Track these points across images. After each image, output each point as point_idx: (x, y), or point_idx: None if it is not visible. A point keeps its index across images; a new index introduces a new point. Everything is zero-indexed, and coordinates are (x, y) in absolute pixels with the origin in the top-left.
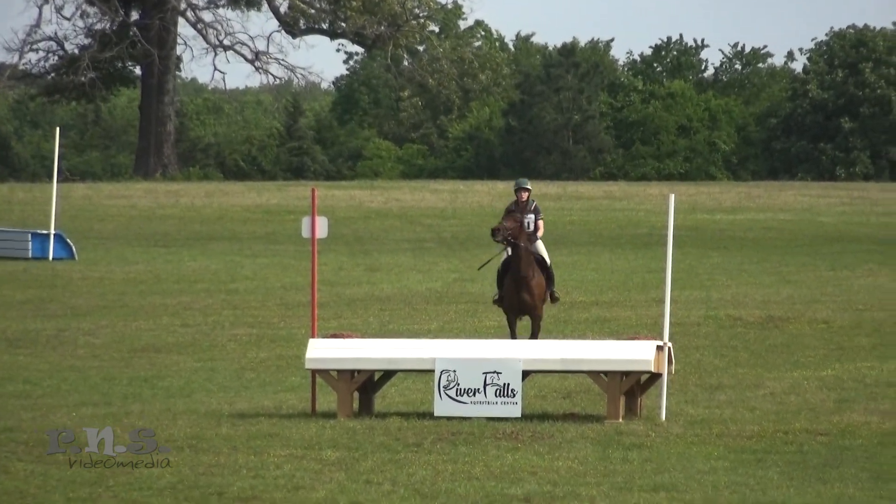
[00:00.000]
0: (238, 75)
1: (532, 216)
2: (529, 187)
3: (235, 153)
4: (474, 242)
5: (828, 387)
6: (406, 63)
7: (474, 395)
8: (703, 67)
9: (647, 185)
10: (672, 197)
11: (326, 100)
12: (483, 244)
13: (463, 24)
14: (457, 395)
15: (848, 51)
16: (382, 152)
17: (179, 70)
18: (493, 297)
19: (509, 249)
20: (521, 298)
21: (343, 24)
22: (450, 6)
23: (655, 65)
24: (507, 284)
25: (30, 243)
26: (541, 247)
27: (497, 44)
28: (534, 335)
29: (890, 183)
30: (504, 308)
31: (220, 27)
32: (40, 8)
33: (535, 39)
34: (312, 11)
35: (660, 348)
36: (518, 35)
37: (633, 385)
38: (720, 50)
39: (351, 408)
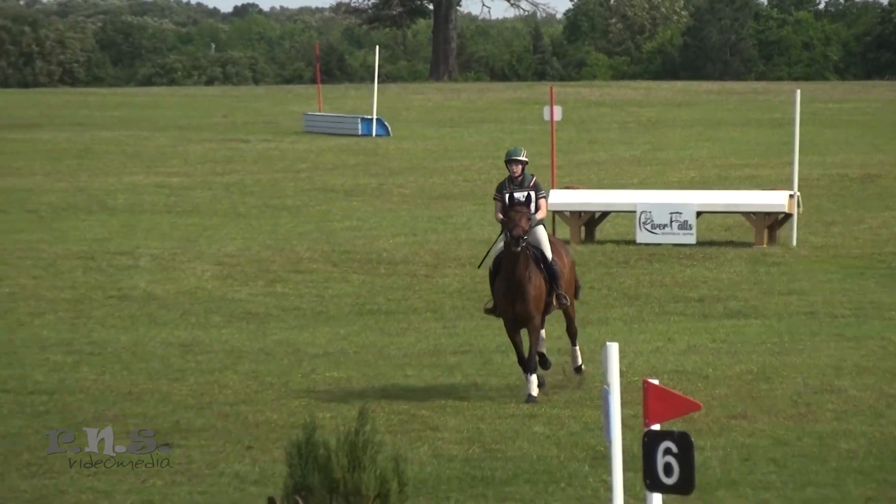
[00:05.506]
0: (498, 9)
1: (531, 193)
2: (524, 158)
3: (502, 62)
4: (663, 124)
5: None
6: (612, 1)
7: (663, 228)
8: (817, 2)
9: (781, 83)
10: (798, 92)
11: (559, 27)
12: (667, 124)
13: None
14: (651, 229)
15: None
16: (599, 62)
17: (459, 6)
18: (486, 305)
19: (501, 243)
20: (515, 308)
21: None
22: None
23: (788, 0)
24: (498, 289)
25: (359, 125)
26: (541, 237)
27: None
28: (533, 346)
29: None
30: (501, 317)
31: None
32: None
33: None
34: None
35: (791, 196)
36: None
37: (773, 221)
38: None
39: (580, 237)
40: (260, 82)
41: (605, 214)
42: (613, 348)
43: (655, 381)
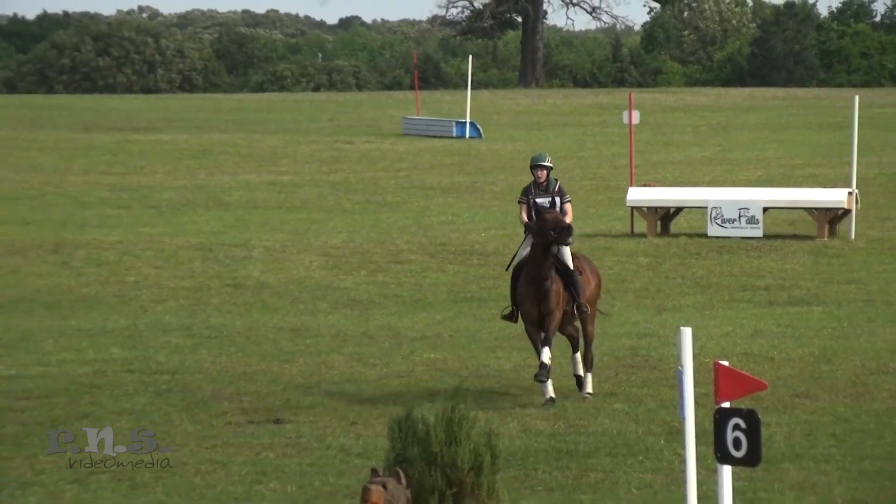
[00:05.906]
0: (581, 22)
1: (556, 199)
2: (548, 164)
3: (584, 70)
4: (733, 128)
5: None
6: (686, 13)
7: (732, 222)
8: (874, 15)
9: (841, 90)
10: (856, 97)
11: (636, 38)
12: (736, 127)
13: None
14: (721, 223)
15: None
16: (674, 70)
17: (545, 19)
18: (503, 311)
19: (527, 249)
20: (541, 309)
21: None
22: None
23: (847, 13)
24: (521, 293)
25: (454, 128)
26: (564, 247)
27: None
28: (546, 331)
29: None
30: (523, 320)
31: None
32: None
33: None
34: None
35: (850, 193)
36: None
37: (834, 216)
38: (884, 3)
39: (656, 230)
40: (363, 89)
41: (679, 210)
42: (687, 333)
43: (725, 363)
